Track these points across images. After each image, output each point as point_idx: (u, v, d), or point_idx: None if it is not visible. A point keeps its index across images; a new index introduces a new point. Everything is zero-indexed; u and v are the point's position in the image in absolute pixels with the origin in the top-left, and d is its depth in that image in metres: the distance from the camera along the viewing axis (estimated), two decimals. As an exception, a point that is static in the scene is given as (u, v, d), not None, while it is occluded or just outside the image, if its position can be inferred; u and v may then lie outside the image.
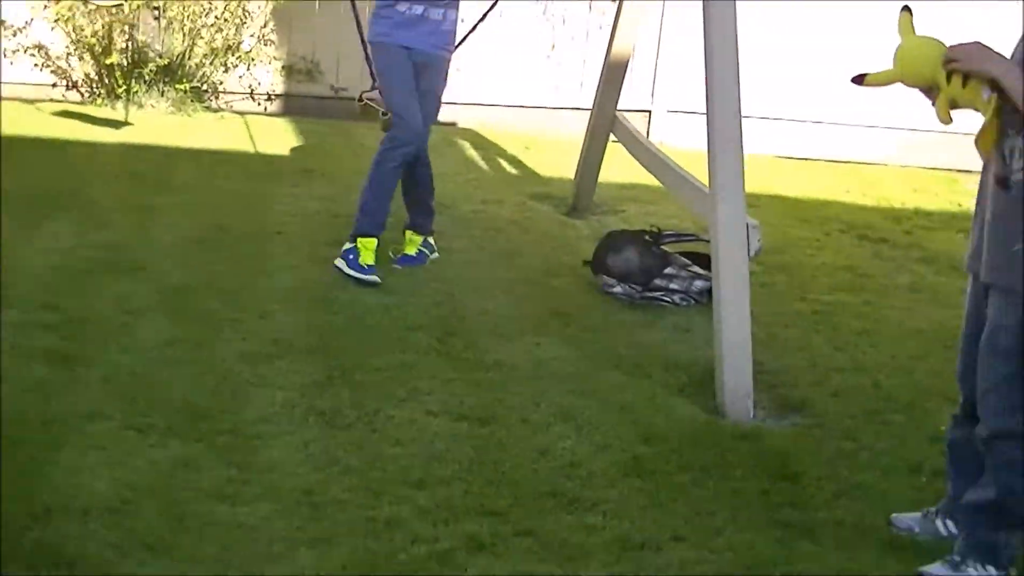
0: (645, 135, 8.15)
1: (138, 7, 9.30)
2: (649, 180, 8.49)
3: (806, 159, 10.19)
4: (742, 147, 5.19)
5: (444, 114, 8.23)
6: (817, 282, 6.77)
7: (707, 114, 5.25)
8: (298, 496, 3.87)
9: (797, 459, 4.48)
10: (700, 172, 5.70)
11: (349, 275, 5.90)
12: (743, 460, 4.43)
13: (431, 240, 6.42)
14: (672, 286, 6.13)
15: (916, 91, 3.60)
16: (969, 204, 8.97)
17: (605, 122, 7.45)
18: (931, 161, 10.58)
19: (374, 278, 5.89)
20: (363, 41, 6.43)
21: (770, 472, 4.35)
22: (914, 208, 8.98)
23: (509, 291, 6.03)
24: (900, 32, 3.62)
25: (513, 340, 5.42)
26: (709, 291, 6.03)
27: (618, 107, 7.45)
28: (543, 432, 4.53)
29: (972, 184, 9.49)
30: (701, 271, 6.19)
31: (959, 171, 10.53)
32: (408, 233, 6.38)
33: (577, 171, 7.80)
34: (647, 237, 6.32)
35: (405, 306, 5.67)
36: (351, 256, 5.94)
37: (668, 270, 6.16)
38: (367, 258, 5.96)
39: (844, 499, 4.22)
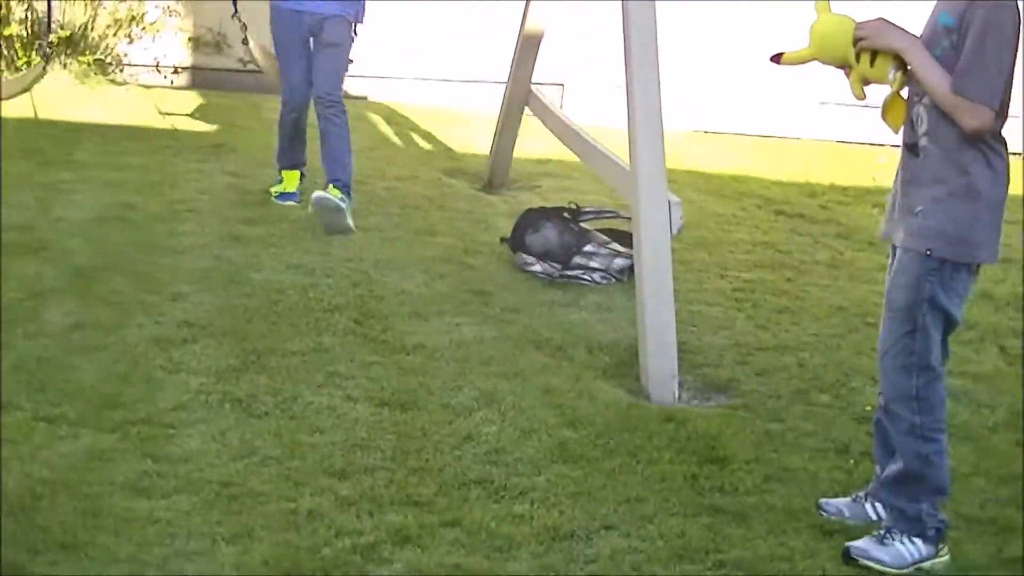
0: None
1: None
2: (564, 155, 8.42)
3: (719, 132, 10.15)
4: (662, 123, 5.12)
5: (355, 88, 8.14)
6: (736, 258, 6.73)
7: (627, 88, 5.17)
8: (216, 488, 3.73)
9: (724, 442, 4.41)
10: (615, 148, 5.65)
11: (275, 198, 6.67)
12: (670, 444, 4.35)
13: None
14: (592, 264, 6.04)
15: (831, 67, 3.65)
16: (883, 179, 9.17)
17: (520, 95, 7.35)
18: (844, 135, 10.61)
19: (291, 202, 6.63)
20: None
21: (698, 456, 4.28)
22: (829, 183, 8.97)
23: (427, 270, 5.91)
24: (816, 9, 3.65)
25: (432, 321, 5.31)
26: (630, 269, 5.97)
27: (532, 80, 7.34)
28: (466, 417, 4.42)
29: (885, 158, 9.82)
30: (621, 249, 6.11)
31: (872, 144, 10.61)
32: (329, 188, 6.38)
33: (492, 146, 7.69)
34: (566, 214, 6.24)
35: (321, 286, 5.53)
36: (276, 184, 6.74)
37: (588, 248, 6.07)
38: (288, 186, 6.70)
39: (773, 483, 4.16)
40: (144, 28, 9.49)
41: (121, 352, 4.66)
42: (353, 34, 6.47)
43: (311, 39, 6.40)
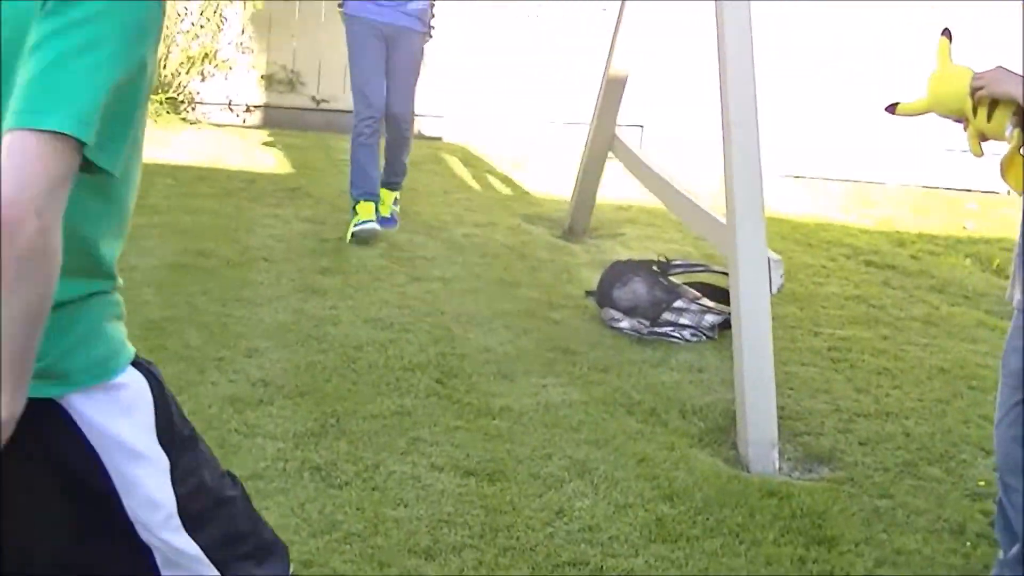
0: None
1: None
2: (646, 201, 8.21)
3: (799, 176, 9.88)
4: (761, 175, 4.87)
5: (430, 128, 8.03)
6: (829, 314, 6.44)
7: (723, 134, 4.94)
8: (297, 568, 3.49)
9: (831, 520, 4.13)
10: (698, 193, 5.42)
11: (353, 232, 6.56)
12: (774, 522, 4.08)
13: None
14: (682, 320, 5.78)
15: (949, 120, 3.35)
16: (975, 226, 8.87)
17: (603, 140, 7.10)
18: (930, 180, 10.33)
19: (371, 225, 6.55)
20: None
21: (805, 536, 4.01)
22: (917, 232, 8.69)
23: (510, 325, 5.67)
24: (936, 57, 3.35)
25: (518, 381, 5.06)
26: (721, 326, 5.76)
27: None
28: (557, 489, 4.17)
29: (975, 204, 9.51)
30: (712, 304, 5.85)
31: (959, 190, 10.33)
32: (381, 192, 6.76)
33: (573, 192, 7.45)
34: (655, 267, 5.97)
35: (400, 342, 5.30)
36: (352, 218, 6.60)
37: (678, 303, 5.81)
38: (364, 214, 6.57)
39: (886, 567, 3.89)
40: (217, 65, 9.36)
41: (194, 412, 4.42)
42: (425, 43, 6.72)
43: (387, 52, 6.55)
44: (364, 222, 6.58)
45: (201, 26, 9.25)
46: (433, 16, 6.70)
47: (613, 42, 6.94)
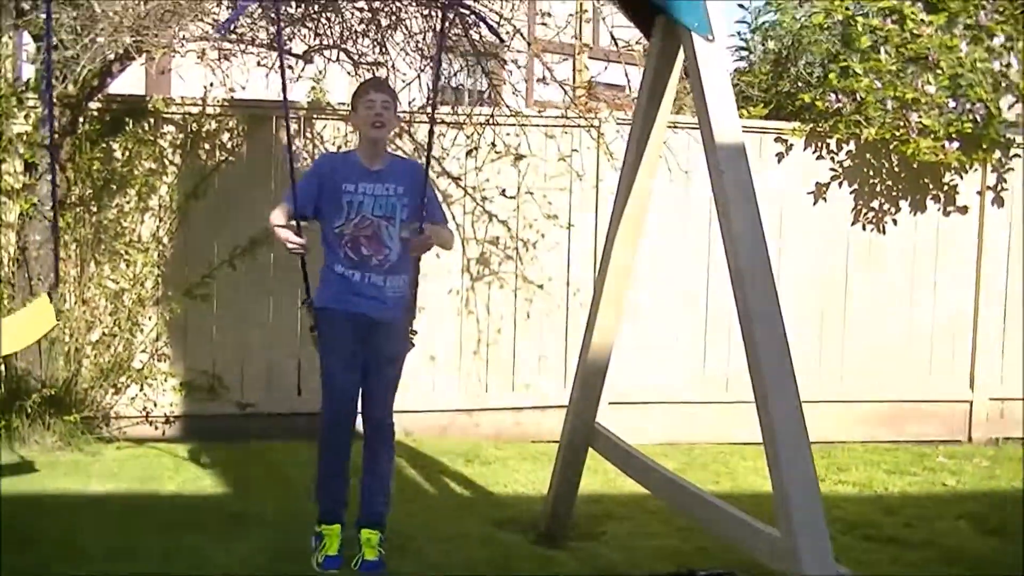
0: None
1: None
2: (619, 489, 7.57)
3: (747, 443, 9.34)
4: (813, 465, 4.29)
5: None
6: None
7: (761, 416, 4.35)
8: None
9: None
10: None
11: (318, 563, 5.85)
12: None
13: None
14: (714, 639, 5.07)
15: None
16: (951, 481, 8.39)
17: (583, 432, 6.47)
18: (890, 434, 9.96)
19: (334, 572, 5.81)
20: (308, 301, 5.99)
21: None
22: (899, 493, 8.19)
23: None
24: None
25: None
26: (757, 641, 5.06)
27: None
28: None
29: (943, 457, 9.05)
30: (746, 617, 5.17)
31: (922, 442, 9.94)
32: (364, 532, 5.92)
33: (550, 491, 6.76)
34: (679, 582, 5.29)
35: None
36: (316, 543, 5.93)
37: (708, 621, 5.11)
38: (330, 548, 5.89)
39: None
40: (131, 376, 8.63)
41: None
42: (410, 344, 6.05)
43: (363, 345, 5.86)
44: (329, 560, 5.84)
45: (113, 334, 8.54)
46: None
47: (592, 321, 6.34)
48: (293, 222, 5.76)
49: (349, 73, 8.99)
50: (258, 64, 8.73)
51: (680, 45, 5.32)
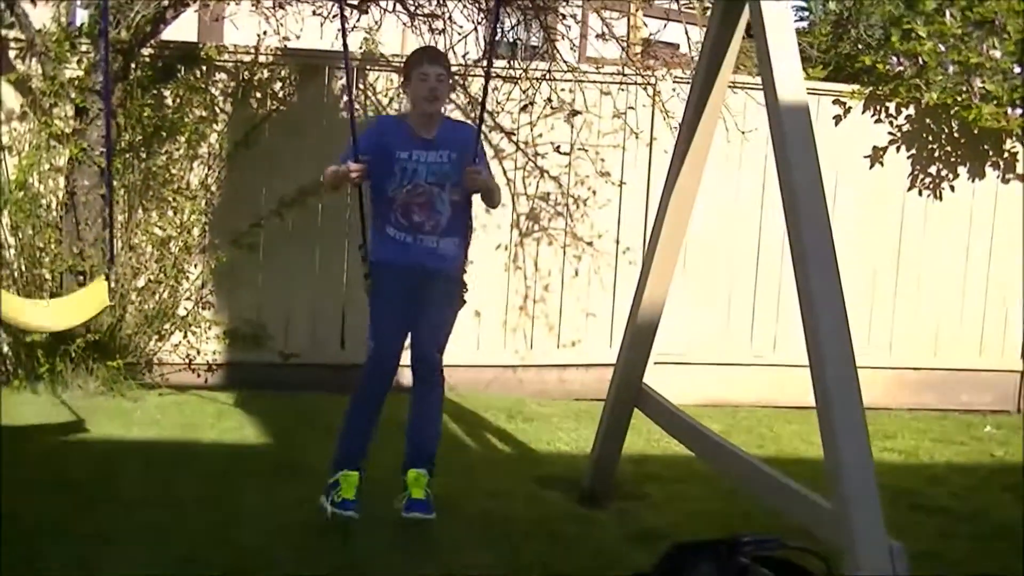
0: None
1: (60, 273, 8.19)
2: (663, 450, 7.50)
3: (792, 407, 9.26)
4: (867, 437, 4.20)
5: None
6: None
7: (818, 396, 4.26)
8: None
9: None
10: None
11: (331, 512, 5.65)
12: None
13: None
14: (759, 607, 4.96)
15: None
16: (999, 451, 8.26)
17: (630, 393, 6.38)
18: (938, 402, 9.84)
19: (351, 513, 5.63)
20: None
21: None
22: (945, 463, 8.07)
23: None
24: None
25: None
26: (802, 611, 4.96)
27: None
28: None
29: (991, 427, 8.92)
30: (789, 586, 5.06)
31: (970, 411, 9.82)
32: (411, 473, 5.77)
33: (593, 451, 6.69)
34: (723, 548, 5.17)
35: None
36: (332, 491, 5.71)
37: (753, 588, 5.00)
38: (347, 492, 5.69)
39: None
40: (175, 324, 8.60)
41: None
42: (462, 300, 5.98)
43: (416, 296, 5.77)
44: (346, 503, 5.67)
45: (159, 282, 8.51)
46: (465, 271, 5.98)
47: (644, 274, 6.23)
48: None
49: (405, 24, 8.89)
50: (313, 13, 8.65)
51: (745, 3, 5.19)
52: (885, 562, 4.07)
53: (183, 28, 9.44)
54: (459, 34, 8.82)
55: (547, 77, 9.10)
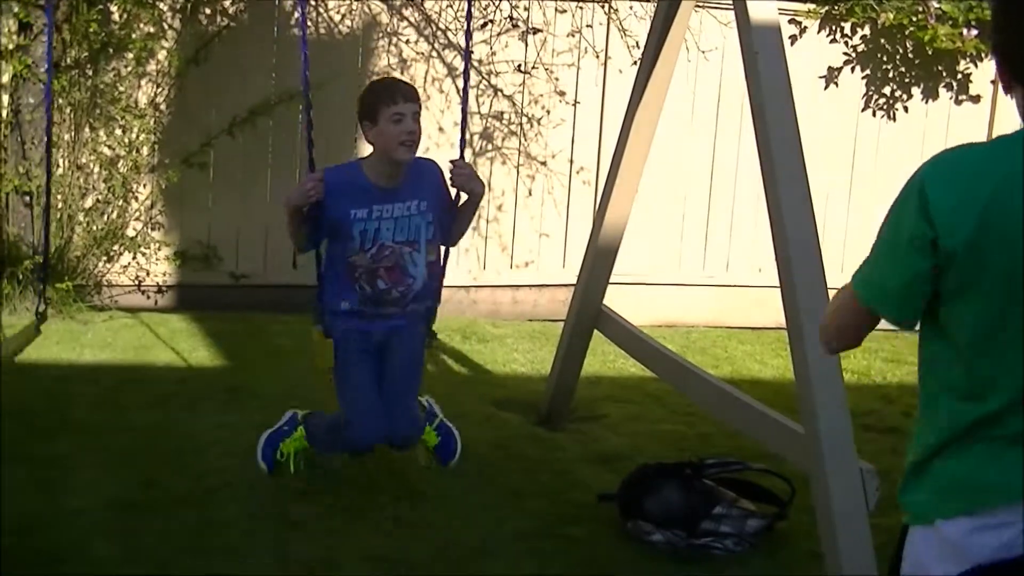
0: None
1: (6, 194, 8.00)
2: (620, 372, 7.49)
3: (743, 328, 9.30)
4: (838, 362, 4.19)
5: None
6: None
7: (788, 321, 4.24)
8: None
9: None
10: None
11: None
12: None
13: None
14: (723, 529, 5.00)
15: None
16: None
17: (590, 314, 6.34)
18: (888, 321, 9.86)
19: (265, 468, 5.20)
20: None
21: None
22: (897, 383, 8.10)
23: (533, 552, 4.84)
24: None
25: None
26: (764, 530, 5.01)
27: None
28: None
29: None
30: (753, 507, 5.12)
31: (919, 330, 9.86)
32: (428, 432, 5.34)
33: (552, 373, 6.66)
34: (687, 470, 5.19)
35: (414, 584, 4.43)
36: (280, 434, 5.27)
37: (717, 509, 5.03)
38: (288, 447, 5.20)
39: None
40: (124, 244, 8.45)
41: None
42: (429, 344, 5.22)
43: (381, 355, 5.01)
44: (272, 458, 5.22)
45: (107, 202, 8.35)
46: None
47: (608, 191, 6.16)
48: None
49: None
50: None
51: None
52: (856, 484, 4.07)
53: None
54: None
55: (506, -7, 8.95)
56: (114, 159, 8.35)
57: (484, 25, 8.98)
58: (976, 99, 9.80)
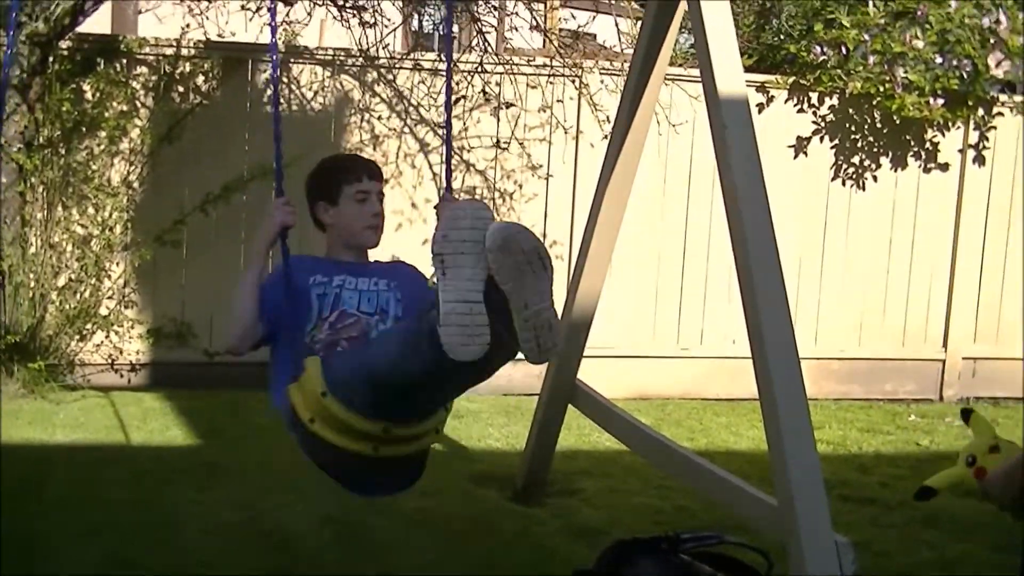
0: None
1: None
2: (595, 446, 7.49)
3: (718, 400, 9.33)
4: (812, 433, 4.20)
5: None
6: None
7: (761, 391, 4.24)
8: None
9: None
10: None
11: None
12: None
13: None
14: (701, 603, 4.96)
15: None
16: (924, 440, 8.33)
17: (564, 389, 6.34)
18: (863, 391, 9.92)
19: None
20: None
21: None
22: (873, 452, 8.13)
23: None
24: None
25: None
26: (743, 604, 4.97)
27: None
28: None
29: (915, 416, 9.00)
30: (731, 582, 5.07)
31: (895, 400, 9.91)
32: None
33: (527, 447, 6.65)
34: (663, 545, 5.16)
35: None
36: None
37: (695, 584, 5.00)
38: None
39: None
40: (97, 323, 8.43)
41: None
42: None
43: None
44: None
45: (80, 281, 8.34)
46: None
47: (580, 267, 6.18)
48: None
49: (335, 18, 8.76)
50: (242, 8, 8.52)
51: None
52: (832, 558, 4.06)
53: (96, 21, 9.26)
54: (387, 27, 8.72)
55: (479, 70, 9.01)
56: (87, 237, 8.35)
57: (457, 101, 9.03)
58: (945, 167, 9.88)
